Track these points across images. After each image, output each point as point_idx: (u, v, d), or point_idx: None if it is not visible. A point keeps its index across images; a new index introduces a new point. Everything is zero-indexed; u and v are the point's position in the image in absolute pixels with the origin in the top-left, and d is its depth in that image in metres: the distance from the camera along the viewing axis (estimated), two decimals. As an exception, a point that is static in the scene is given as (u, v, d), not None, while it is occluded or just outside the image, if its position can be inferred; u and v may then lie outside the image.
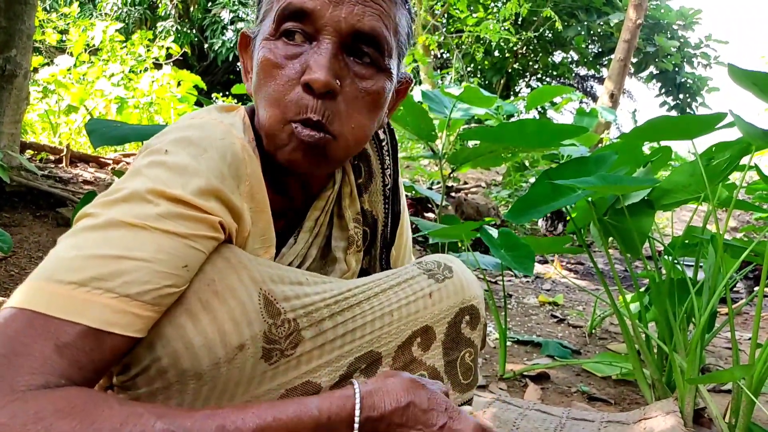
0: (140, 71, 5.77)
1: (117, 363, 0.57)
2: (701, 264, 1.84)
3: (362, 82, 0.69)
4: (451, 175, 3.19)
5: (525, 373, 1.97)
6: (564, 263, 4.42)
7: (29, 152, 3.95)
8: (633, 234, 1.70)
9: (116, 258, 0.54)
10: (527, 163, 6.14)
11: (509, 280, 3.65)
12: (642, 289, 2.02)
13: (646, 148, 2.54)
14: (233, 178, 0.64)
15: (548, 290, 3.50)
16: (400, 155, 0.95)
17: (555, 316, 2.84)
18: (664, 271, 1.83)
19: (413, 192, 3.47)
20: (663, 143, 2.00)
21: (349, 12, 0.66)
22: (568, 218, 3.81)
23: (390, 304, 0.78)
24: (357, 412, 0.58)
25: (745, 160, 1.71)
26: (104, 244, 0.55)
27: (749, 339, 2.19)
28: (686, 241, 1.95)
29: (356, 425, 0.58)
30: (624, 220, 1.70)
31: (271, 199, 0.72)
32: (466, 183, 6.23)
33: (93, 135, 1.50)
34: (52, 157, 3.99)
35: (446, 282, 0.84)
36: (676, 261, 1.82)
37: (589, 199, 1.74)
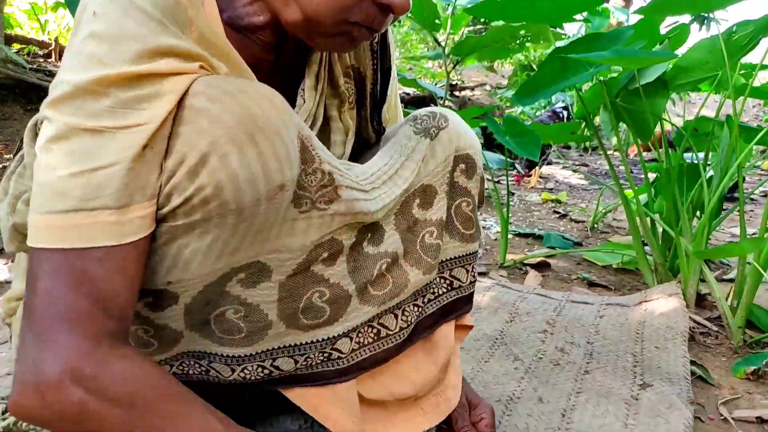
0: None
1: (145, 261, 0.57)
2: (710, 163, 1.79)
3: None
4: (455, 68, 3.06)
5: (525, 262, 1.96)
6: (569, 165, 4.35)
7: (15, 45, 3.79)
8: (646, 116, 1.62)
9: (92, 171, 0.51)
10: (534, 66, 5.92)
11: (512, 181, 3.60)
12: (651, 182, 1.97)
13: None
14: (174, 24, 0.56)
15: (551, 189, 3.46)
16: (401, 54, 0.89)
17: (557, 212, 2.81)
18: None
19: (418, 88, 3.35)
20: (680, 22, 1.87)
21: None
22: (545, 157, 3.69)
23: (398, 186, 0.76)
24: None
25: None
26: (75, 159, 0.51)
27: (754, 234, 2.17)
28: (696, 130, 1.88)
29: None
30: (637, 101, 1.62)
31: (248, 55, 0.65)
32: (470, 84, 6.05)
33: (73, 5, 1.41)
34: (40, 52, 3.83)
35: (440, 134, 0.81)
36: (687, 147, 1.75)
37: (601, 78, 1.64)
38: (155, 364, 0.57)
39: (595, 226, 2.54)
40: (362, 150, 0.87)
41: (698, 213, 1.76)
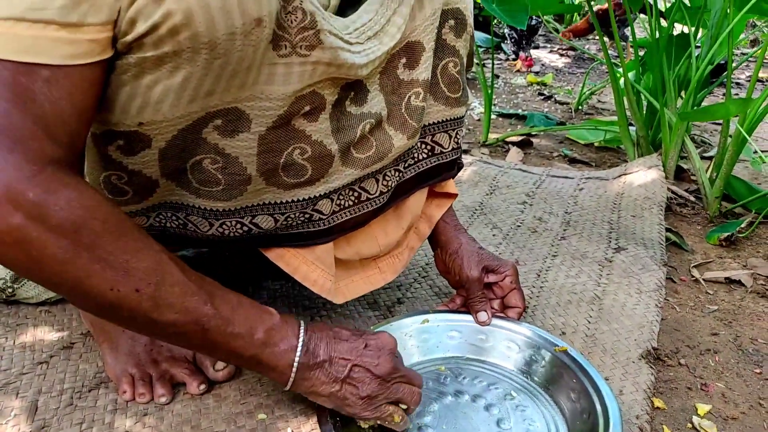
0: None
1: (99, 94, 0.52)
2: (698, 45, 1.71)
3: None
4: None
5: (508, 139, 1.93)
6: (556, 49, 4.22)
7: None
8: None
9: None
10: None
11: (498, 64, 3.50)
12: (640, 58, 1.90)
13: None
14: None
15: (537, 72, 3.37)
16: None
17: (542, 94, 2.75)
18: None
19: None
20: None
21: None
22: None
23: (384, 44, 0.69)
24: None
25: None
26: None
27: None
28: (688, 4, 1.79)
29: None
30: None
31: None
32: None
33: None
34: None
35: None
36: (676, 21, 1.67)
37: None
38: (106, 196, 0.54)
39: (580, 107, 2.49)
40: (351, 10, 0.81)
41: (684, 93, 1.72)
